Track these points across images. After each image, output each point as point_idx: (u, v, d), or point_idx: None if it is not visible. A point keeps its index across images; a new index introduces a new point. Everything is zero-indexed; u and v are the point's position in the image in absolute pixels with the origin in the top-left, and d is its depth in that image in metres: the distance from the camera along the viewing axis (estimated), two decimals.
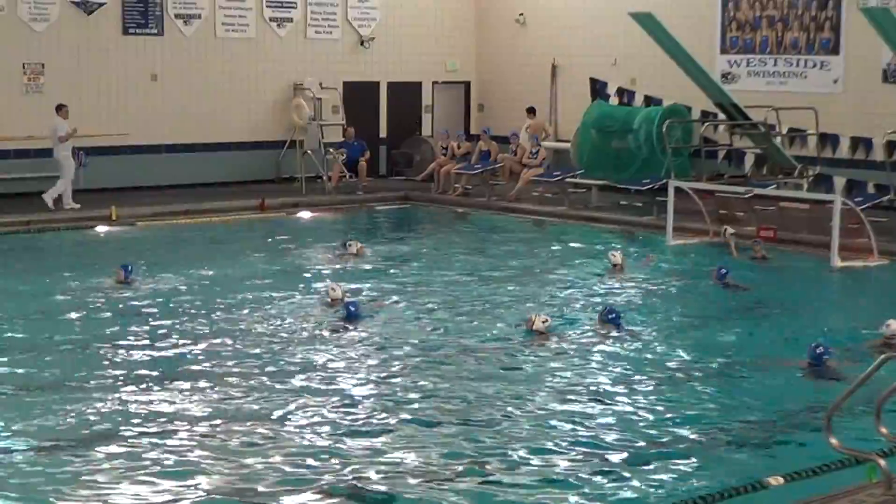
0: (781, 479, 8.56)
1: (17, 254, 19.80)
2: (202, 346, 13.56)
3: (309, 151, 27.16)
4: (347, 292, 16.01)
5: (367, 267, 18.88)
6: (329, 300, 15.78)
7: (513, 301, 16.25)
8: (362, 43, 29.33)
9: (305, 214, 24.71)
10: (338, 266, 18.91)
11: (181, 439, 10.23)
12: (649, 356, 13.33)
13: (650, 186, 23.71)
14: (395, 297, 16.40)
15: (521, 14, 29.99)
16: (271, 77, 27.99)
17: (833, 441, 8.14)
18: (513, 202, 25.43)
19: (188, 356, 13.13)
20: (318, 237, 22.05)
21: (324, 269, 18.66)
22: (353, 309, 14.94)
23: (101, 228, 22.25)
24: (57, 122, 23.51)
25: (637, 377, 12.42)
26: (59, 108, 23.59)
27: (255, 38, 27.82)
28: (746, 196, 21.34)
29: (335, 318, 15.04)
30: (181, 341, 13.75)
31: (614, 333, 14.16)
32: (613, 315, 14.53)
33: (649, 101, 26.89)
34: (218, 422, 10.72)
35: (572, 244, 21.37)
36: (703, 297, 16.87)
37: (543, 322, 13.98)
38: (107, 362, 12.74)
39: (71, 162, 23.55)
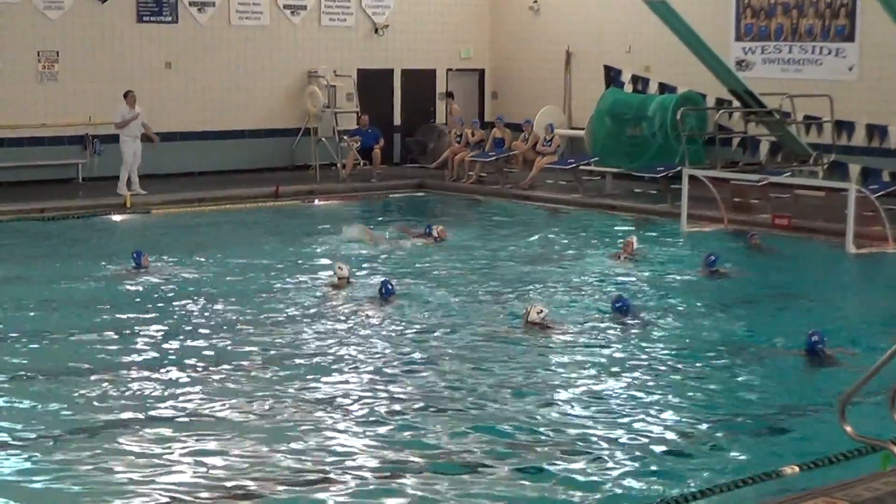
0: (797, 469, 8.55)
1: (31, 241, 19.84)
2: (224, 333, 13.64)
3: (323, 139, 27.18)
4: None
5: (384, 255, 19.00)
6: (336, 280, 15.95)
7: (522, 289, 16.22)
8: (376, 30, 29.31)
9: (320, 202, 24.74)
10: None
11: (196, 428, 10.27)
12: (656, 345, 13.32)
13: (664, 174, 23.69)
14: (407, 283, 16.45)
15: (536, 1, 29.91)
16: (285, 65, 28.00)
17: (848, 429, 8.11)
18: (527, 190, 25.43)
19: (211, 344, 13.17)
20: (335, 224, 22.05)
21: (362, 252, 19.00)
22: (389, 287, 15.32)
23: (116, 216, 22.29)
24: (118, 109, 23.72)
25: (644, 367, 12.40)
26: (125, 96, 23.68)
27: (270, 26, 27.82)
28: (761, 184, 21.32)
29: (351, 301, 15.25)
30: (201, 329, 13.80)
31: (622, 322, 14.14)
32: (621, 303, 14.51)
33: (664, 88, 26.84)
34: (233, 410, 10.78)
35: (586, 232, 21.33)
36: (713, 285, 16.82)
37: (539, 313, 13.83)
38: (123, 349, 12.80)
39: (126, 147, 23.59)
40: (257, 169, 27.24)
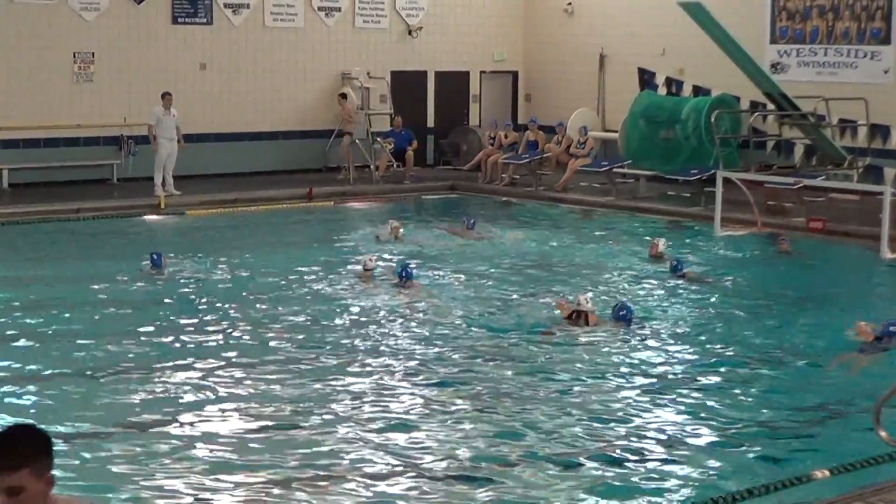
0: (828, 473, 8.51)
1: (66, 241, 19.94)
2: (251, 330, 13.68)
3: (357, 141, 27.22)
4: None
5: (413, 249, 19.08)
6: (364, 271, 16.38)
7: (545, 290, 16.19)
8: (410, 32, 29.35)
9: (353, 203, 24.78)
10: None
11: (220, 427, 10.30)
12: (680, 350, 13.21)
13: (698, 177, 23.62)
14: (432, 282, 16.58)
15: (570, 4, 29.89)
16: (319, 66, 28.08)
17: (883, 434, 8.08)
18: (560, 192, 25.39)
19: (237, 341, 13.22)
20: (368, 225, 22.11)
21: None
22: (408, 270, 15.86)
23: (150, 217, 22.39)
24: (154, 110, 23.98)
25: (669, 371, 12.34)
26: (162, 97, 23.91)
27: (304, 28, 27.91)
28: (795, 187, 21.22)
29: (378, 294, 15.55)
30: (228, 327, 13.84)
31: (643, 326, 13.98)
32: (624, 312, 14.08)
33: (697, 91, 26.76)
34: (258, 407, 10.84)
35: (617, 234, 21.24)
36: (743, 287, 16.75)
37: (586, 301, 13.83)
38: (153, 349, 12.86)
39: (160, 149, 23.75)
40: (291, 170, 27.31)
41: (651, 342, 13.45)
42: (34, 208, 22.01)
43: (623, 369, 12.32)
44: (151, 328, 13.73)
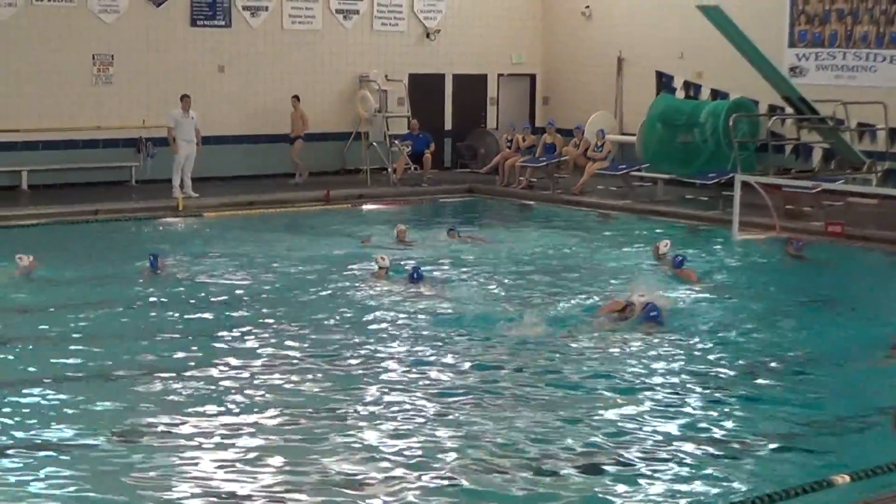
0: (848, 478, 8.48)
1: (84, 242, 19.95)
2: (266, 329, 13.70)
3: (374, 143, 27.24)
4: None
5: (417, 252, 19.09)
6: (377, 269, 16.47)
7: (561, 294, 16.13)
8: (428, 35, 29.38)
9: (370, 206, 24.79)
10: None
11: (229, 429, 10.28)
12: (697, 355, 13.14)
13: (716, 180, 23.59)
14: (454, 284, 16.60)
15: (587, 7, 29.88)
16: (337, 69, 28.11)
17: None
18: (577, 195, 25.37)
19: (253, 340, 13.20)
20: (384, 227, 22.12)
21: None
22: (419, 272, 16.03)
23: (168, 219, 22.43)
24: (171, 112, 24.07)
25: (691, 375, 12.26)
26: (181, 99, 24.02)
27: (322, 30, 27.95)
28: (814, 191, 21.17)
29: (390, 294, 15.59)
30: (250, 329, 13.81)
31: (660, 331, 13.89)
32: (655, 313, 14.04)
33: (716, 94, 26.73)
34: (268, 407, 10.84)
35: (635, 238, 21.18)
36: (760, 291, 16.67)
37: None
38: (163, 351, 12.86)
39: (177, 154, 23.84)
40: (309, 172, 27.31)
41: (667, 347, 13.39)
42: (53, 210, 22.09)
43: (640, 373, 12.25)
44: (157, 329, 13.75)
